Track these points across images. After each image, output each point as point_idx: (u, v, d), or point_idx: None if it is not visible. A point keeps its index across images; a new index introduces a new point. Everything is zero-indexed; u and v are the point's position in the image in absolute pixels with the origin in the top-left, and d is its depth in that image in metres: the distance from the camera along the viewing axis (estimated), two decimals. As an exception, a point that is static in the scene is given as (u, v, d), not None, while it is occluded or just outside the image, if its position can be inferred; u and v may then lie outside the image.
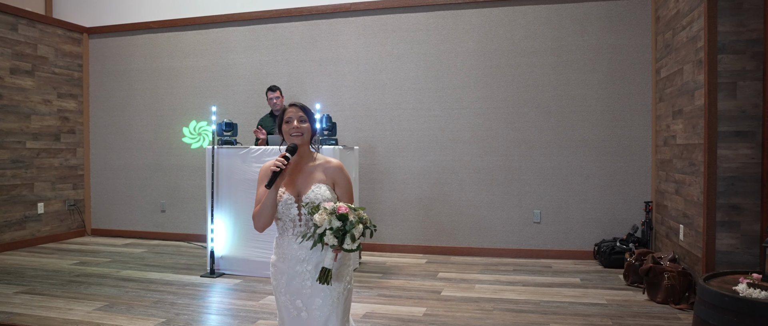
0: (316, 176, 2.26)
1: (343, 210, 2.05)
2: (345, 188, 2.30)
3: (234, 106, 6.52)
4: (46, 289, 4.61)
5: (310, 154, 2.32)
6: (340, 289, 2.22)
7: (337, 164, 2.31)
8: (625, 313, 3.90)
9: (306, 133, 2.26)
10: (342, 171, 2.30)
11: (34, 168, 6.50)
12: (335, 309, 2.21)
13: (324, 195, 2.20)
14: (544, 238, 5.71)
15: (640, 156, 5.48)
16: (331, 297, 2.21)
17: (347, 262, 2.28)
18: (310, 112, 2.31)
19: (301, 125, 2.25)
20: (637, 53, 5.45)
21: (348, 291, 2.28)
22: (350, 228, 2.02)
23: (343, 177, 2.29)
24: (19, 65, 6.30)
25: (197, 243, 6.56)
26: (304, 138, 2.26)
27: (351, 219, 2.04)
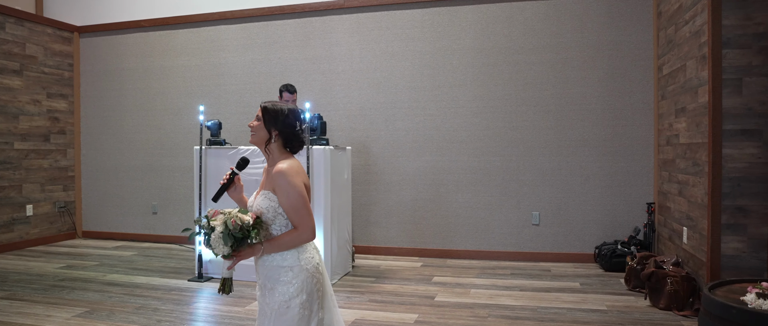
0: (268, 182, 2.13)
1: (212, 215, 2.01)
2: (284, 197, 2.05)
3: (226, 106, 6.38)
4: (27, 294, 4.47)
5: (273, 157, 2.14)
6: (273, 306, 2.08)
7: (281, 169, 2.06)
8: (625, 320, 3.73)
9: (257, 132, 2.12)
10: (282, 177, 2.04)
11: (22, 170, 6.38)
12: (268, 322, 2.10)
13: (259, 203, 2.08)
14: (543, 241, 5.54)
15: (642, 156, 5.30)
16: (265, 312, 2.12)
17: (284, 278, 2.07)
18: (269, 111, 2.13)
19: (254, 123, 2.14)
20: (638, 50, 5.28)
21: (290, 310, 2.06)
22: (208, 230, 1.99)
23: (281, 184, 2.04)
24: (6, 65, 6.17)
25: (188, 246, 6.42)
26: (254, 137, 2.14)
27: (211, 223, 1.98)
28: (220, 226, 1.94)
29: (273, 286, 2.09)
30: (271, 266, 2.09)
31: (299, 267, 2.09)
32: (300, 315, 2.08)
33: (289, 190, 2.04)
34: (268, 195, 2.07)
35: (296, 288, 2.08)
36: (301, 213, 2.07)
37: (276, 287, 2.08)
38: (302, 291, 2.08)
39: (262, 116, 2.13)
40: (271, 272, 2.09)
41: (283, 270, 2.08)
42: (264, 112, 2.14)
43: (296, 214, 2.06)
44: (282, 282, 2.08)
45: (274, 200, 2.06)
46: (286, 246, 2.08)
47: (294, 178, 2.06)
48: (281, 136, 2.15)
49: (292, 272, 2.08)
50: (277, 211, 2.07)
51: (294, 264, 2.09)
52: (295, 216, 2.06)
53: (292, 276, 2.08)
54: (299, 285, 2.08)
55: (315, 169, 4.58)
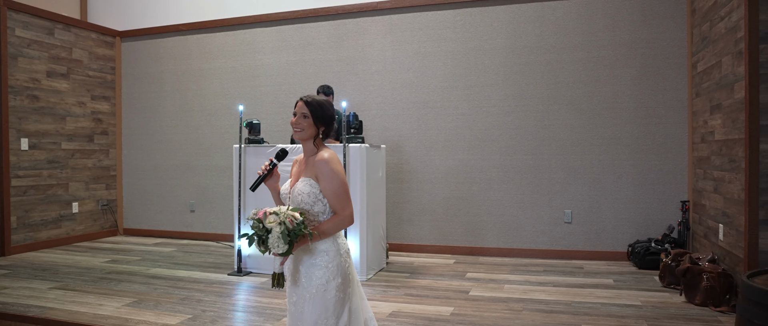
0: (308, 170, 2.23)
1: (260, 216, 2.07)
2: (327, 184, 2.17)
3: (262, 106, 6.56)
4: (78, 285, 4.68)
5: (314, 149, 2.27)
6: (311, 290, 2.17)
7: (322, 157, 2.20)
8: (661, 315, 3.75)
9: (306, 128, 2.23)
10: (326, 165, 2.18)
11: (69, 169, 6.65)
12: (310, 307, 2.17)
13: (301, 189, 2.19)
14: (575, 239, 5.56)
15: (676, 153, 5.29)
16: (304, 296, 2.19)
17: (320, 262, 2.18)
18: (316, 107, 2.24)
19: (302, 121, 2.23)
20: (672, 47, 5.28)
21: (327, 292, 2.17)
22: (264, 233, 2.05)
23: (325, 171, 2.17)
24: (55, 68, 6.46)
25: (225, 243, 6.61)
26: (303, 134, 2.24)
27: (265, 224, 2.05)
28: (277, 227, 2.03)
29: (311, 272, 2.18)
30: (308, 252, 2.19)
31: (335, 251, 2.21)
32: (336, 298, 2.19)
33: (333, 177, 2.16)
34: (310, 182, 2.18)
35: (332, 271, 2.18)
36: (343, 199, 2.19)
37: (313, 271, 2.18)
38: (338, 274, 2.19)
39: (310, 114, 2.23)
40: (308, 258, 2.19)
41: (321, 255, 2.18)
42: (312, 108, 2.24)
43: (338, 200, 2.18)
44: (319, 266, 2.18)
45: (315, 187, 2.18)
46: (330, 232, 2.19)
47: (337, 166, 2.20)
48: (325, 129, 2.29)
49: (328, 256, 2.19)
50: (317, 197, 2.18)
51: (330, 248, 2.20)
52: (337, 202, 2.18)
53: (328, 260, 2.18)
54: (335, 269, 2.19)
55: (351, 167, 4.71)
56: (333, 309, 2.19)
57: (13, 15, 5.96)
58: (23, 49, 6.09)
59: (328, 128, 2.30)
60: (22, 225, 6.09)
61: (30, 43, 6.17)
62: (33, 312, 3.91)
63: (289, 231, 2.04)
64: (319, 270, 2.18)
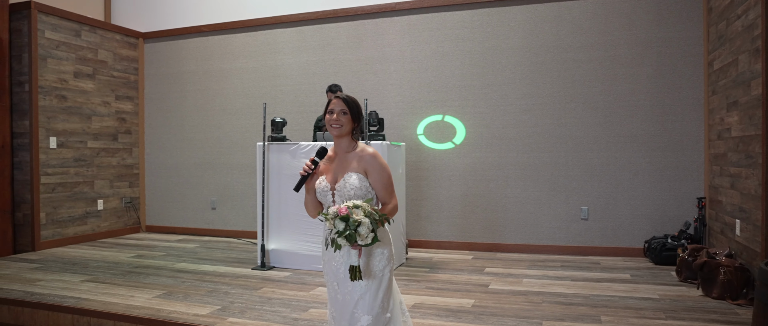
0: (351, 165, 2.34)
1: (343, 213, 2.12)
2: (377, 177, 2.31)
3: (282, 106, 6.69)
4: (108, 278, 4.84)
5: (351, 144, 2.39)
6: (377, 275, 2.30)
7: (371, 152, 2.34)
8: (678, 307, 3.82)
9: (345, 124, 2.34)
10: (375, 159, 2.32)
11: (94, 167, 6.83)
12: (365, 293, 2.29)
13: (353, 183, 2.30)
14: (591, 235, 5.64)
15: (692, 151, 5.36)
16: (359, 284, 2.30)
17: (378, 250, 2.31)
18: (353, 104, 2.36)
19: (341, 117, 2.33)
20: (688, 46, 5.34)
21: (384, 278, 2.31)
22: (354, 226, 2.10)
23: (375, 165, 2.31)
24: (81, 69, 6.64)
25: (247, 240, 6.75)
26: (343, 129, 2.34)
27: (353, 218, 2.10)
28: (366, 219, 2.11)
29: (368, 260, 2.30)
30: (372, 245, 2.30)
31: (387, 238, 2.36)
32: (390, 282, 2.35)
33: (382, 171, 2.32)
34: (359, 176, 2.31)
35: (388, 257, 2.34)
36: (391, 191, 2.35)
37: (371, 259, 2.30)
38: (391, 259, 2.36)
39: (348, 110, 2.35)
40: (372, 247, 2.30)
41: (377, 243, 2.29)
42: (349, 105, 2.36)
43: (387, 191, 2.33)
44: (376, 254, 2.31)
45: (364, 180, 2.31)
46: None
47: (384, 160, 2.37)
48: (358, 125, 2.41)
49: (383, 244, 2.33)
50: (368, 190, 2.32)
51: (384, 236, 2.34)
52: (386, 193, 2.33)
53: (383, 247, 2.33)
54: (389, 255, 2.35)
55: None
56: (387, 293, 2.34)
57: (43, 17, 6.15)
58: (52, 50, 6.27)
59: (360, 124, 2.42)
60: (50, 222, 6.27)
61: (58, 44, 6.35)
62: (69, 303, 4.06)
63: (375, 220, 2.14)
64: (377, 258, 2.31)
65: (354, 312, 2.32)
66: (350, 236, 2.11)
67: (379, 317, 2.31)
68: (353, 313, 2.32)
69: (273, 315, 3.79)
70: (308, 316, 3.75)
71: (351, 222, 2.10)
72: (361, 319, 2.30)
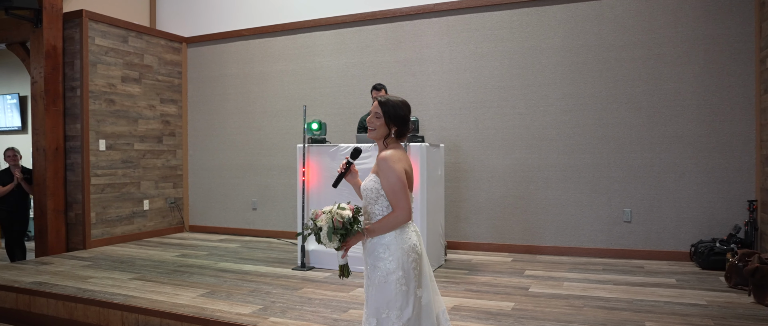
0: (374, 167, 2.38)
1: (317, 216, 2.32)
2: (384, 178, 2.28)
3: (321, 107, 6.77)
4: (154, 277, 4.99)
5: (384, 147, 2.39)
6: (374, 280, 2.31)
7: (383, 155, 2.31)
8: (728, 315, 3.70)
9: (378, 128, 2.34)
10: (384, 162, 2.28)
11: (140, 168, 7.06)
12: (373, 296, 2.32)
13: (367, 185, 2.35)
14: (635, 238, 5.51)
15: (742, 152, 5.17)
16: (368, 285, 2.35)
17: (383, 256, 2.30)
18: (388, 107, 2.34)
19: (374, 120, 2.35)
20: (737, 43, 5.16)
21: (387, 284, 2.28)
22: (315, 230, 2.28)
23: (383, 168, 2.29)
24: (128, 74, 6.88)
25: (287, 240, 6.85)
26: (375, 133, 2.36)
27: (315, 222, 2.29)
28: (325, 225, 2.25)
29: (375, 263, 2.32)
30: (372, 245, 2.34)
31: (396, 246, 2.31)
32: (397, 290, 2.29)
33: (389, 174, 2.27)
34: (373, 178, 2.34)
35: (393, 265, 2.29)
36: (399, 196, 2.28)
37: (377, 263, 2.31)
38: (399, 267, 2.29)
39: (382, 114, 2.34)
40: (373, 250, 2.33)
41: (382, 248, 2.31)
42: (384, 108, 2.35)
43: (394, 196, 2.28)
44: (381, 259, 2.30)
45: (377, 182, 2.32)
46: (385, 228, 2.30)
47: (395, 164, 2.28)
48: (397, 128, 2.40)
49: (389, 250, 2.30)
50: (379, 193, 2.31)
51: (391, 242, 2.30)
52: (393, 198, 2.28)
53: (388, 254, 2.30)
54: (396, 263, 2.29)
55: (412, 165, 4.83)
56: (394, 300, 2.29)
57: (93, 25, 6.39)
58: (102, 56, 6.51)
59: (400, 128, 2.38)
60: (100, 221, 6.51)
61: (107, 50, 6.59)
62: (118, 300, 4.21)
63: (336, 228, 2.24)
64: (380, 263, 2.31)
65: (366, 312, 2.38)
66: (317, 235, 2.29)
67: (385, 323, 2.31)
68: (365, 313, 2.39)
69: (313, 315, 3.85)
70: (348, 317, 3.79)
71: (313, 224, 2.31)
72: (369, 320, 2.35)
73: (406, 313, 2.31)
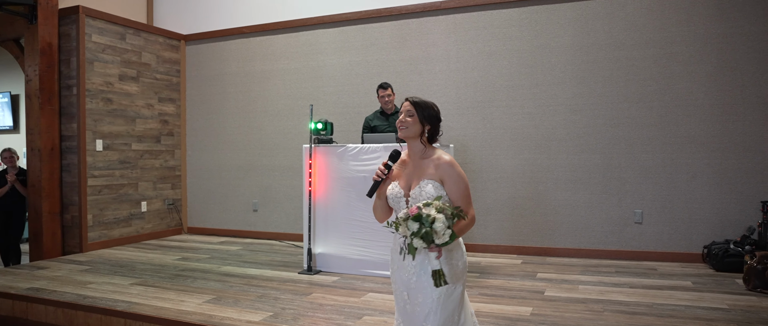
0: (427, 171, 2.25)
1: (414, 212, 2.01)
2: (454, 187, 2.21)
3: (325, 107, 6.63)
4: (156, 282, 4.84)
5: (423, 149, 2.31)
6: (441, 289, 2.18)
7: (448, 160, 2.25)
8: (753, 320, 3.62)
9: (411, 126, 2.27)
10: (452, 168, 2.23)
11: (138, 169, 6.88)
12: (437, 307, 2.20)
13: (429, 192, 2.20)
14: (646, 239, 5.43)
15: (756, 152, 5.11)
16: (431, 296, 2.20)
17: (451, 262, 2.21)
18: (421, 106, 2.30)
19: (407, 119, 2.28)
20: (751, 42, 5.10)
21: (455, 291, 2.23)
22: (429, 223, 1.98)
23: (453, 175, 2.22)
24: (126, 72, 6.70)
25: (289, 242, 6.72)
26: (408, 131, 2.28)
27: (425, 214, 1.98)
28: (440, 215, 1.99)
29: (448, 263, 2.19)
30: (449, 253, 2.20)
31: (461, 253, 2.26)
32: (461, 296, 2.25)
33: (459, 180, 2.21)
34: (434, 184, 2.21)
35: (461, 271, 2.24)
36: (469, 201, 2.22)
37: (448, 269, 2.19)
38: (464, 273, 2.25)
39: (415, 112, 2.28)
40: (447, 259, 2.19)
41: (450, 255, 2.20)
42: (417, 108, 2.30)
43: (464, 202, 2.20)
44: (448, 266, 2.19)
45: (440, 189, 2.21)
46: (464, 230, 2.19)
47: (461, 169, 2.25)
48: (431, 128, 2.30)
49: (454, 256, 2.23)
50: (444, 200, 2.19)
51: (457, 249, 2.25)
52: (464, 204, 2.20)
53: (456, 260, 2.23)
54: (462, 269, 2.25)
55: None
56: (454, 312, 2.24)
57: (90, 21, 6.20)
58: (98, 53, 6.33)
59: (433, 128, 2.32)
60: (97, 223, 6.33)
61: (104, 48, 6.41)
62: (121, 307, 4.06)
63: (452, 213, 2.02)
64: (449, 271, 2.20)
65: (424, 325, 2.24)
66: (427, 235, 1.98)
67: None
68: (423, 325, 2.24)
69: (327, 322, 3.72)
70: (364, 323, 3.67)
71: (424, 218, 1.99)
72: None
73: (461, 319, 2.28)
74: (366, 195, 2.37)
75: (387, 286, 4.61)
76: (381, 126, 5.57)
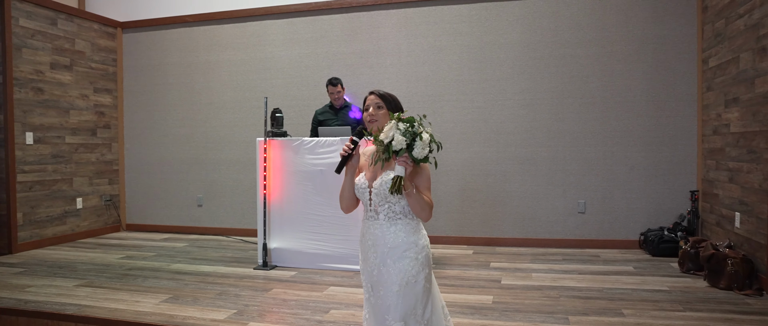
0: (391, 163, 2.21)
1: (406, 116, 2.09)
2: (421, 176, 2.21)
3: (273, 99, 6.50)
4: (104, 282, 4.60)
5: None
6: (400, 282, 2.20)
7: None
8: (692, 299, 3.93)
9: (381, 119, 2.26)
10: None
11: (73, 164, 6.48)
12: (398, 300, 2.21)
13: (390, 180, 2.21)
14: (589, 228, 5.74)
15: (686, 145, 5.51)
16: (391, 289, 2.22)
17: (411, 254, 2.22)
18: (389, 98, 2.31)
19: (377, 112, 2.27)
20: (682, 43, 5.48)
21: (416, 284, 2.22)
22: (418, 129, 2.05)
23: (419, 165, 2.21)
24: (58, 60, 6.28)
25: (237, 237, 6.56)
26: (380, 124, 2.26)
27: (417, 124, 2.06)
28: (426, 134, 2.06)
29: (399, 264, 2.21)
30: (399, 241, 2.22)
31: (422, 244, 2.26)
32: (424, 288, 2.23)
33: (422, 170, 2.21)
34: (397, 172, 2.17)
35: (422, 263, 2.23)
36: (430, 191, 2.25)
37: (402, 262, 2.21)
38: (426, 265, 2.24)
39: (383, 104, 2.29)
40: (399, 247, 2.22)
41: (411, 246, 2.22)
42: (384, 100, 2.30)
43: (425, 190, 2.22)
44: (408, 257, 2.20)
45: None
46: (419, 202, 2.17)
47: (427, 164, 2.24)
48: None
49: (417, 247, 2.23)
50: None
51: (418, 241, 2.24)
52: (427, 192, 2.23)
53: (417, 252, 2.22)
54: (423, 260, 2.24)
55: (382, 159, 4.74)
56: (421, 299, 2.23)
57: (17, 4, 5.76)
58: (27, 39, 5.90)
59: None
60: (28, 222, 5.92)
61: (34, 33, 5.97)
62: (71, 310, 3.84)
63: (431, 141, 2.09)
64: (409, 263, 2.21)
65: (386, 318, 2.24)
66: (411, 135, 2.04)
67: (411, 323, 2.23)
68: (385, 319, 2.24)
69: (295, 318, 3.69)
70: (331, 318, 3.67)
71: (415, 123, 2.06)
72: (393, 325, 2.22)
73: (428, 312, 2.27)
74: (334, 171, 2.34)
75: (347, 280, 4.62)
76: (330, 120, 5.55)
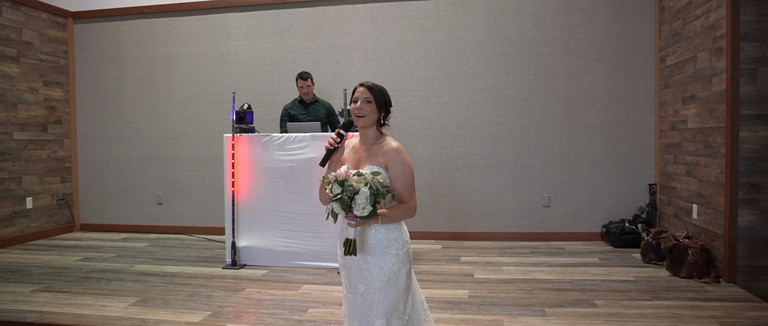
0: (376, 158, 2.22)
1: (341, 177, 2.04)
2: (398, 173, 2.19)
3: (237, 94, 6.34)
4: (64, 287, 4.39)
5: (377, 136, 2.28)
6: (382, 279, 2.20)
7: (396, 147, 2.22)
8: (657, 288, 4.10)
9: (370, 114, 2.22)
10: (398, 154, 2.20)
11: (22, 161, 6.14)
12: (380, 297, 2.20)
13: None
14: (553, 221, 5.89)
15: (644, 140, 5.73)
16: (373, 286, 2.20)
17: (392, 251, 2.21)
18: (378, 92, 2.26)
19: (365, 106, 2.22)
20: (641, 42, 5.68)
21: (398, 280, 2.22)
22: (350, 193, 1.99)
23: (397, 161, 2.19)
24: (4, 51, 5.92)
25: (200, 236, 6.39)
26: (368, 119, 2.23)
27: (349, 182, 2.01)
28: (364, 188, 2.00)
29: (380, 261, 2.20)
30: (380, 238, 2.21)
31: (403, 239, 2.25)
32: (405, 284, 2.24)
33: (404, 167, 2.20)
34: (377, 169, 2.17)
35: (402, 259, 2.22)
36: (411, 190, 2.23)
37: (383, 259, 2.20)
38: (406, 261, 2.25)
39: (373, 98, 2.24)
40: (379, 244, 2.20)
41: (392, 242, 2.21)
42: (374, 93, 2.25)
43: (406, 190, 2.21)
44: (389, 254, 2.20)
45: (384, 174, 2.18)
46: (397, 217, 2.19)
47: (407, 157, 2.23)
48: (385, 114, 2.30)
49: (397, 244, 2.22)
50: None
51: (399, 237, 2.23)
52: (405, 192, 2.21)
53: (398, 248, 2.22)
54: (404, 256, 2.24)
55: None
56: (402, 296, 2.24)
57: (-40, -8, 5.40)
58: (-29, 30, 5.54)
59: (387, 113, 2.30)
60: (-26, 224, 5.58)
61: (-22, 23, 5.62)
62: (31, 317, 3.64)
63: (375, 192, 2.02)
64: (390, 259, 2.20)
65: (367, 315, 2.23)
66: (343, 201, 2.00)
67: (394, 320, 2.23)
68: (367, 316, 2.23)
69: (273, 318, 3.62)
70: (311, 317, 3.62)
71: (346, 186, 2.00)
72: (375, 322, 2.21)
73: (408, 307, 2.28)
74: (319, 164, 2.31)
75: (321, 277, 4.58)
76: (300, 115, 5.47)
